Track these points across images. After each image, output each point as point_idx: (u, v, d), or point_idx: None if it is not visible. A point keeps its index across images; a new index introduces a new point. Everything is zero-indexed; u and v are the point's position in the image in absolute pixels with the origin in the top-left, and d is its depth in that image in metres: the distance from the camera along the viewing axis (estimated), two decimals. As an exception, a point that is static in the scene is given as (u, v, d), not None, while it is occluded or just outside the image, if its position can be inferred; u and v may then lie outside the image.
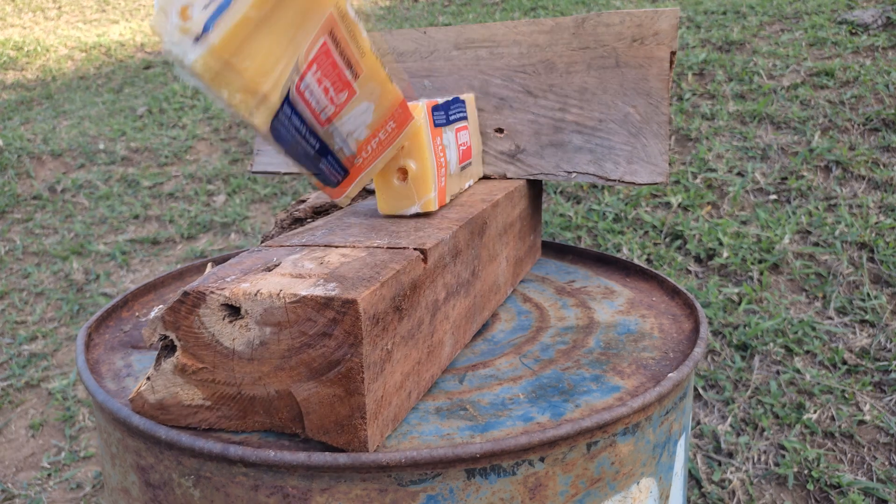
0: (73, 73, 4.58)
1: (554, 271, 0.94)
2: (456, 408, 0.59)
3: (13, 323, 2.17)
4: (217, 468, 0.52)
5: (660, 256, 1.94)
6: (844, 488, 1.36)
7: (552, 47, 0.86)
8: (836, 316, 1.71)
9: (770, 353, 1.64)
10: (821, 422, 1.50)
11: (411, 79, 0.94)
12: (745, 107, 2.40)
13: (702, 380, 1.62)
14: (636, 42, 0.82)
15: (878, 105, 2.26)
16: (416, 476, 0.50)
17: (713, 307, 1.76)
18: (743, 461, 1.45)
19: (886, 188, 2.01)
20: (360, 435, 0.49)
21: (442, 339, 0.62)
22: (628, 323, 0.77)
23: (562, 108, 0.86)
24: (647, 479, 0.60)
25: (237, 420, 0.53)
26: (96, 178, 2.92)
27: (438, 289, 0.60)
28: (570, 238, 2.07)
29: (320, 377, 0.49)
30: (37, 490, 1.59)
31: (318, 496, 0.50)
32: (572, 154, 0.86)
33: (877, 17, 2.72)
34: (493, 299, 0.77)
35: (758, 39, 2.81)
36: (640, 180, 0.82)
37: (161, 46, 0.42)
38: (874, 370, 1.58)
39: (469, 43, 0.90)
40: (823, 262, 1.84)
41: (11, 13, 5.77)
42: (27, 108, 4.08)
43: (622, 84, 0.83)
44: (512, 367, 0.67)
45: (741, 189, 2.09)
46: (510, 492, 0.52)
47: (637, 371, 0.65)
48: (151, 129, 3.29)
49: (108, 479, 0.64)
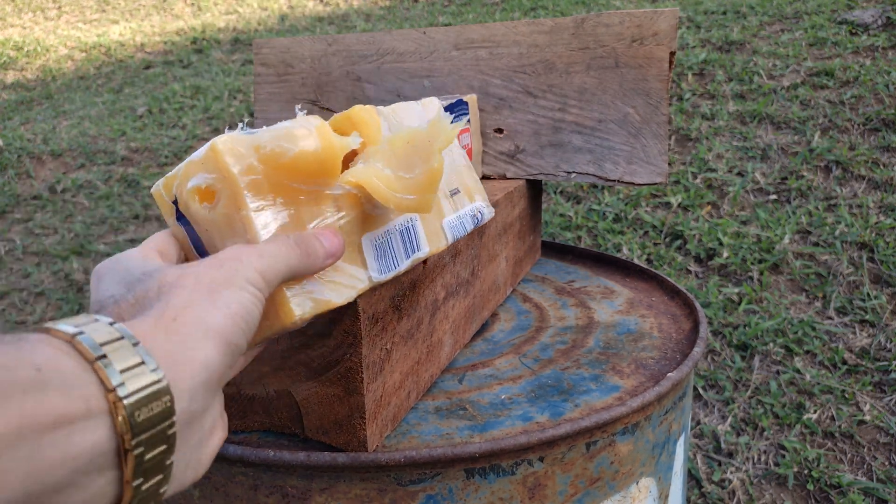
0: (73, 73, 4.58)
1: (554, 271, 0.94)
2: (455, 407, 0.59)
3: (13, 323, 2.17)
4: (216, 467, 0.52)
5: (660, 256, 1.94)
6: (844, 488, 1.36)
7: (552, 48, 0.86)
8: (836, 316, 1.71)
9: (770, 353, 1.64)
10: (821, 422, 1.50)
11: (411, 79, 0.94)
12: (745, 107, 2.40)
13: (702, 380, 1.62)
14: (635, 42, 0.82)
15: (878, 105, 2.26)
16: (416, 476, 0.50)
17: (713, 307, 1.76)
18: (743, 461, 1.45)
19: (886, 188, 2.01)
20: (360, 435, 0.49)
21: (441, 338, 0.62)
22: (628, 323, 0.77)
23: (561, 109, 0.86)
24: (647, 478, 0.60)
25: (237, 420, 0.53)
26: (96, 178, 2.92)
27: (438, 289, 0.60)
28: (570, 238, 2.07)
29: (319, 377, 0.49)
30: (37, 490, 1.59)
31: (317, 496, 0.50)
32: (572, 154, 0.86)
33: (877, 17, 2.72)
34: (492, 299, 0.77)
35: (758, 39, 2.81)
36: (639, 180, 0.82)
37: None
38: (874, 370, 1.58)
39: (469, 43, 0.91)
40: (823, 262, 1.84)
41: (11, 13, 5.77)
42: (27, 108, 4.08)
43: (622, 84, 0.83)
44: (511, 366, 0.67)
45: (741, 189, 2.09)
46: (509, 491, 0.52)
47: (636, 371, 0.65)
48: (151, 129, 3.29)
49: (107, 478, 0.64)
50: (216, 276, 0.34)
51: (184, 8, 5.58)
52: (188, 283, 0.34)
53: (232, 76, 3.87)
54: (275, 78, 1.04)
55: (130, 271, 0.37)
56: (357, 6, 5.08)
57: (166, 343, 0.31)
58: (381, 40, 0.96)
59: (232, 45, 4.58)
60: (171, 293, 0.33)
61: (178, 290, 0.33)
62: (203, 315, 0.32)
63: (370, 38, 0.97)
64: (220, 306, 0.33)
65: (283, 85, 1.04)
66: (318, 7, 5.23)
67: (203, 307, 0.33)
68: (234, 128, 0.41)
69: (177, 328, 0.31)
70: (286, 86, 1.03)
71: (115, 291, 0.36)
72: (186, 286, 0.34)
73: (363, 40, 0.98)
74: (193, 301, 0.33)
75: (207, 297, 0.33)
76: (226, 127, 1.42)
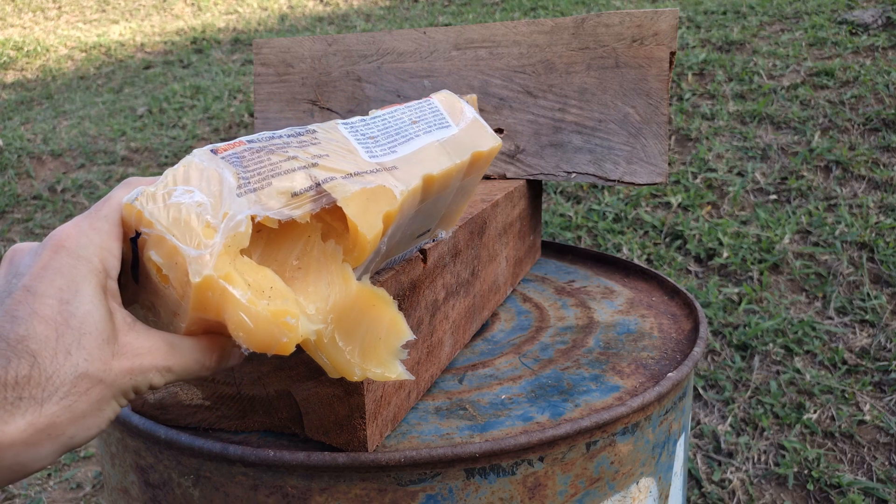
0: (73, 73, 4.58)
1: (554, 271, 0.94)
2: (455, 407, 0.59)
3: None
4: (216, 468, 0.52)
5: (660, 256, 1.95)
6: (844, 488, 1.36)
7: (552, 48, 0.86)
8: (836, 316, 1.71)
9: (770, 353, 1.64)
10: (821, 422, 1.50)
11: (411, 79, 0.94)
12: (745, 107, 2.40)
13: (702, 380, 1.62)
14: (636, 42, 0.82)
15: (878, 105, 2.26)
16: (416, 476, 0.50)
17: (713, 307, 1.76)
18: (743, 461, 1.45)
19: (886, 188, 2.01)
20: (360, 435, 0.49)
21: (441, 338, 0.62)
22: (628, 323, 0.77)
23: (561, 109, 0.86)
24: (647, 478, 0.60)
25: (237, 420, 0.53)
26: (96, 178, 2.92)
27: (438, 289, 0.60)
28: (570, 238, 2.07)
29: (319, 377, 0.49)
30: (37, 490, 1.59)
31: (317, 496, 0.50)
32: (572, 154, 0.86)
33: (877, 17, 2.72)
34: (492, 299, 0.77)
35: (758, 39, 2.81)
36: (639, 180, 0.82)
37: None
38: (874, 370, 1.58)
39: (469, 43, 0.91)
40: (823, 262, 1.84)
41: (11, 13, 5.77)
42: (27, 108, 4.08)
43: (622, 84, 0.83)
44: (511, 366, 0.67)
45: (741, 189, 2.09)
46: (509, 491, 0.52)
47: (636, 371, 0.65)
48: (151, 129, 3.29)
49: (107, 478, 0.64)
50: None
51: (184, 8, 5.58)
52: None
53: (232, 76, 3.87)
54: (275, 78, 1.04)
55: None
56: (357, 6, 5.08)
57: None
58: (382, 40, 0.96)
59: (232, 45, 4.58)
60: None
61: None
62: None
63: (370, 38, 0.97)
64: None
65: (283, 85, 1.04)
66: (318, 7, 5.23)
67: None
68: (234, 128, 0.39)
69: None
70: (286, 86, 1.03)
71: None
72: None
73: (363, 40, 0.98)
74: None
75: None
76: (226, 127, 1.41)
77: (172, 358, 0.37)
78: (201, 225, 0.35)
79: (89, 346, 0.34)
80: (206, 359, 0.39)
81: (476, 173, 0.54)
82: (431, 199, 0.49)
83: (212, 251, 0.35)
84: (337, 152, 0.42)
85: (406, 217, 0.46)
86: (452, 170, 0.49)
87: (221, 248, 0.35)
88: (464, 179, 0.52)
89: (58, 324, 0.34)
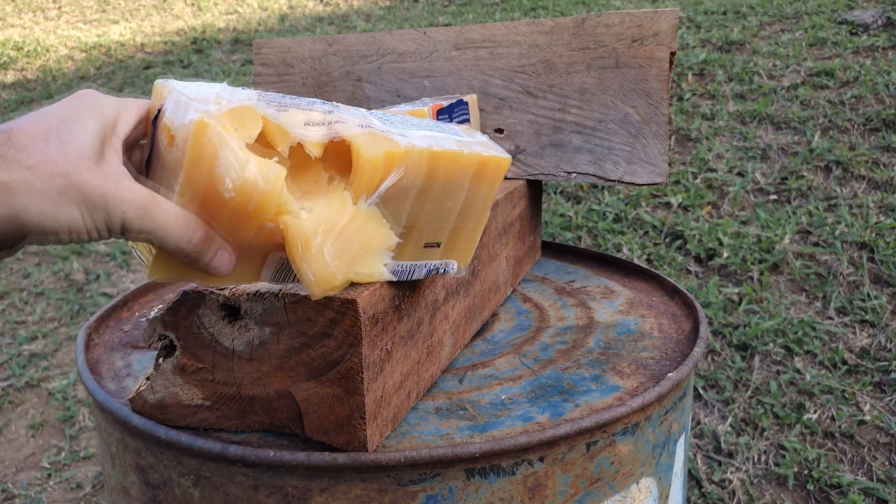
0: (73, 73, 4.58)
1: (554, 271, 0.94)
2: (455, 407, 0.59)
3: (13, 323, 2.17)
4: (216, 468, 0.52)
5: (660, 256, 1.95)
6: (844, 488, 1.36)
7: (552, 48, 0.86)
8: (836, 316, 1.71)
9: (770, 353, 1.64)
10: (821, 422, 1.50)
11: (411, 79, 0.94)
12: (745, 107, 2.40)
13: (702, 380, 1.62)
14: (636, 42, 0.82)
15: (878, 105, 2.26)
16: (416, 476, 0.50)
17: (713, 307, 1.76)
18: (743, 461, 1.45)
19: (886, 188, 2.01)
20: (360, 435, 0.49)
21: (441, 338, 0.62)
22: (628, 323, 0.77)
23: (561, 109, 0.86)
24: (647, 478, 0.60)
25: (237, 420, 0.53)
26: (96, 178, 2.92)
27: (438, 289, 0.60)
28: (570, 238, 2.07)
29: (319, 377, 0.49)
30: (37, 490, 1.59)
31: (317, 496, 0.50)
32: (572, 154, 0.86)
33: (877, 17, 2.72)
34: (492, 299, 0.77)
35: (758, 39, 2.81)
36: (639, 180, 0.82)
37: None
38: (874, 370, 1.58)
39: (469, 43, 0.91)
40: (823, 262, 1.84)
41: (11, 13, 5.77)
42: (27, 108, 4.08)
43: (622, 84, 0.83)
44: (512, 366, 0.67)
45: (741, 189, 2.09)
46: (509, 491, 0.52)
47: (636, 371, 0.65)
48: (151, 129, 3.29)
49: (108, 479, 0.64)
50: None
51: (184, 8, 5.58)
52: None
53: (232, 76, 3.87)
54: (275, 78, 1.04)
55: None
56: (357, 6, 5.08)
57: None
58: (382, 40, 0.96)
59: (232, 45, 4.57)
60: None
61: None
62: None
63: (370, 38, 0.97)
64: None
65: (284, 85, 1.04)
66: (318, 7, 5.23)
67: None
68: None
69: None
70: (286, 86, 1.03)
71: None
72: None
73: (363, 40, 0.97)
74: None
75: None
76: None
77: (154, 207, 0.39)
78: (214, 97, 0.40)
79: (68, 151, 0.37)
80: (188, 231, 0.40)
81: (485, 185, 0.54)
82: (439, 186, 0.49)
83: (219, 109, 0.39)
84: (354, 117, 0.46)
85: (413, 185, 0.47)
86: (459, 156, 0.49)
87: (226, 112, 0.39)
88: (471, 185, 0.52)
89: (48, 128, 0.37)
